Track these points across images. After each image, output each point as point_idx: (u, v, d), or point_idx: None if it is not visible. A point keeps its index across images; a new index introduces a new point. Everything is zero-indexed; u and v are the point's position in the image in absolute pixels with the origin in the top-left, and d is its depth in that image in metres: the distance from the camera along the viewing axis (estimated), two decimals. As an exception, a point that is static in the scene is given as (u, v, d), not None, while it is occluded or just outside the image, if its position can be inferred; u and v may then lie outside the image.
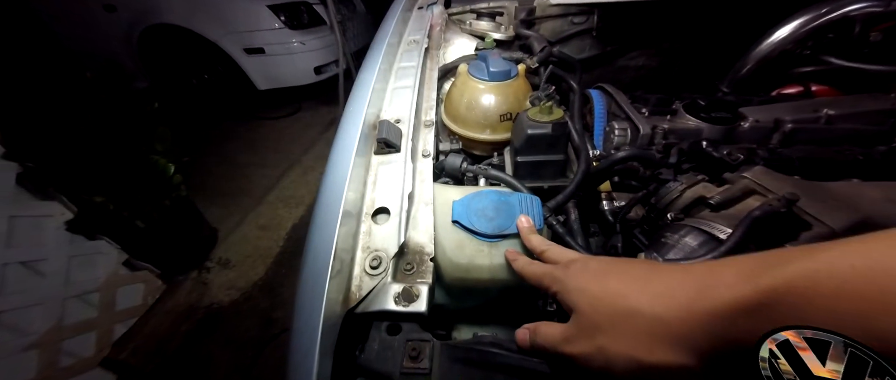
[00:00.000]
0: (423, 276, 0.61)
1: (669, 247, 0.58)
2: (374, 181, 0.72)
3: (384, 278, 0.58)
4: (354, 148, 0.68)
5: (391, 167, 0.74)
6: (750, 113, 0.96)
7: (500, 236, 0.68)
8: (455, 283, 0.70)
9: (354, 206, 0.65)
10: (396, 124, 0.79)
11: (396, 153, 0.75)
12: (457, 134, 1.03)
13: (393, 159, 0.75)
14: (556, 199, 0.75)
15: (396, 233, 0.63)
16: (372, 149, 0.76)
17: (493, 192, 0.75)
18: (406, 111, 0.85)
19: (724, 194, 0.61)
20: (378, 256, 0.60)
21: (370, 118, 0.78)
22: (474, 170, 0.82)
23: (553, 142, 0.82)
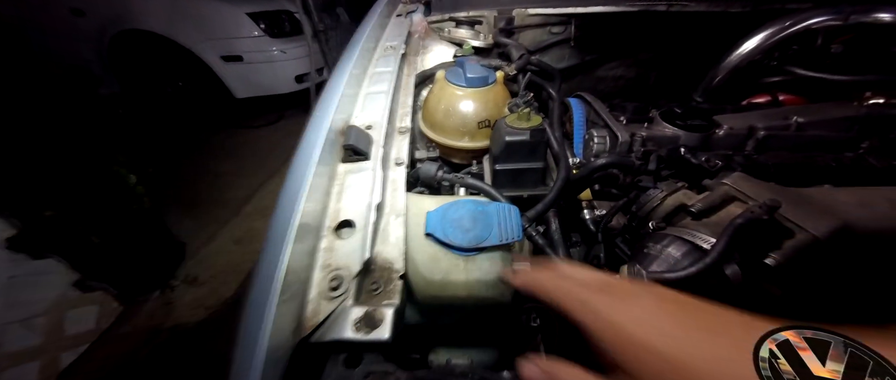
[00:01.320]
0: (391, 296, 0.55)
1: (652, 258, 0.55)
2: (339, 192, 0.66)
3: (345, 301, 0.52)
4: (316, 155, 0.63)
5: (359, 176, 0.68)
6: (724, 120, 0.97)
7: (476, 249, 0.64)
8: (429, 300, 0.64)
9: (314, 219, 0.59)
10: (366, 131, 0.75)
11: (365, 161, 0.70)
12: (435, 142, 0.99)
13: (362, 168, 0.70)
14: (535, 208, 0.72)
15: (361, 248, 0.57)
16: (338, 157, 0.71)
17: (469, 201, 0.70)
18: (378, 117, 0.81)
19: (705, 202, 0.59)
20: (339, 275, 0.54)
21: (337, 124, 0.73)
22: (451, 178, 0.78)
23: (532, 149, 0.79)
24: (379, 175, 0.67)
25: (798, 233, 0.51)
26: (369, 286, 0.56)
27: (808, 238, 0.50)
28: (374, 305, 0.52)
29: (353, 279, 0.54)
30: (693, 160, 0.68)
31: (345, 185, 0.67)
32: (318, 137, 0.67)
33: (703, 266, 0.47)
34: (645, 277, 0.50)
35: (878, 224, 0.56)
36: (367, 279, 0.57)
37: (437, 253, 0.64)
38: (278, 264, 0.48)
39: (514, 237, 0.64)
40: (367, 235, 0.59)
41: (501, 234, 0.64)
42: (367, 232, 0.59)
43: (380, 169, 0.68)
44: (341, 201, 0.65)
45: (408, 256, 0.65)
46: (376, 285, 0.56)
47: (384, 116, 0.81)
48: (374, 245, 0.60)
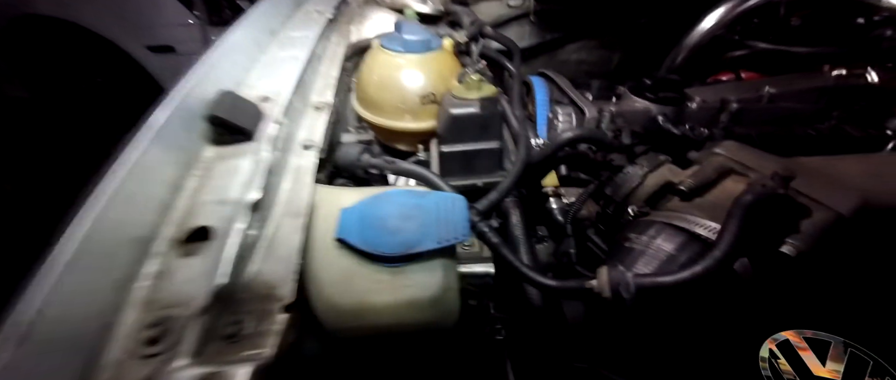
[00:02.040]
0: (259, 343, 0.35)
1: (638, 253, 0.41)
2: (198, 186, 0.45)
3: (171, 361, 0.32)
4: (151, 132, 0.42)
5: (235, 163, 0.48)
6: (695, 93, 0.88)
7: (407, 258, 0.46)
8: (341, 333, 0.45)
9: (134, 230, 0.38)
10: (255, 102, 0.54)
11: (247, 143, 0.50)
12: (370, 124, 0.80)
13: (240, 152, 0.49)
14: (488, 197, 0.55)
15: (213, 271, 0.37)
16: (204, 136, 0.49)
17: (400, 193, 0.52)
18: (281, 88, 0.60)
19: (697, 177, 0.46)
20: (164, 318, 0.34)
21: (207, 92, 0.51)
22: (378, 163, 0.59)
23: (484, 125, 0.63)
24: (263, 161, 0.47)
25: (817, 211, 0.39)
26: (226, 329, 0.36)
27: (829, 217, 0.38)
28: (224, 362, 0.32)
29: (192, 322, 0.34)
30: (675, 131, 0.56)
31: (211, 175, 0.47)
32: (166, 109, 0.45)
33: (713, 263, 0.33)
34: (630, 283, 0.35)
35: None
36: (222, 319, 0.37)
37: (351, 268, 0.45)
38: (29, 309, 0.27)
39: (457, 237, 0.47)
40: (228, 249, 0.39)
41: (441, 233, 0.47)
42: (231, 244, 0.39)
43: (267, 152, 0.48)
44: (199, 198, 0.44)
45: (311, 273, 0.46)
46: (238, 326, 0.36)
47: (291, 88, 0.61)
48: (241, 265, 0.40)
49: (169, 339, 0.33)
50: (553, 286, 0.42)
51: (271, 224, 0.46)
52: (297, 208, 0.49)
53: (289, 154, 0.55)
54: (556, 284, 0.42)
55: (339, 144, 0.61)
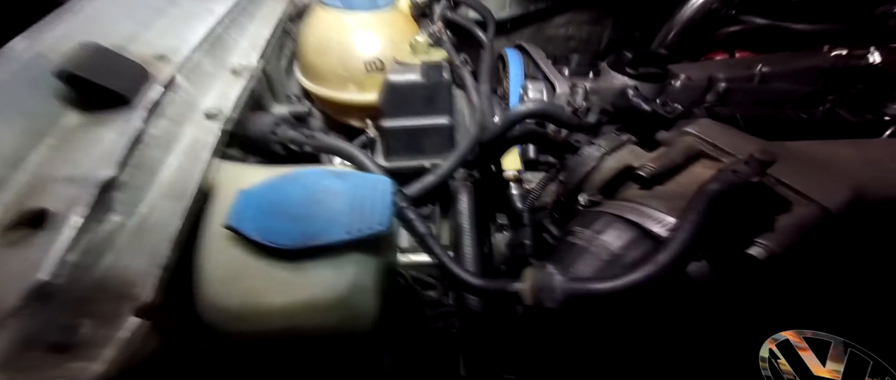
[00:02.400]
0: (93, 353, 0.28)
1: (579, 251, 0.34)
2: (46, 159, 0.36)
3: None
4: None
5: (100, 133, 0.39)
6: (681, 70, 0.79)
7: (311, 251, 0.38)
8: (230, 336, 0.38)
9: None
10: (138, 62, 0.44)
11: (121, 109, 0.40)
12: (314, 95, 0.70)
13: (112, 119, 0.40)
14: (421, 181, 0.47)
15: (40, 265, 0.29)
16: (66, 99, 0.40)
17: (313, 173, 0.44)
18: (180, 44, 0.50)
19: (661, 161, 0.38)
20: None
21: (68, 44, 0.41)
22: (295, 137, 0.50)
23: (429, 96, 0.54)
24: (130, 132, 0.38)
25: (799, 205, 0.32)
26: (53, 335, 0.29)
27: (813, 212, 0.31)
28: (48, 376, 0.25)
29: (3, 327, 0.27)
30: (645, 106, 0.47)
31: (69, 146, 0.38)
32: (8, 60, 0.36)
33: (656, 270, 0.25)
34: (557, 289, 0.28)
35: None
36: (50, 323, 0.29)
37: (241, 261, 0.38)
38: None
39: (373, 227, 0.39)
40: (60, 240, 0.30)
41: (354, 223, 0.39)
42: (63, 234, 0.31)
43: (139, 121, 0.39)
44: (46, 174, 0.35)
45: (197, 266, 0.38)
46: (69, 332, 0.29)
47: (194, 45, 0.51)
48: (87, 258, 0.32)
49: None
50: (477, 286, 0.36)
51: (143, 208, 0.38)
52: (181, 190, 0.40)
53: (184, 125, 0.46)
54: (481, 284, 0.35)
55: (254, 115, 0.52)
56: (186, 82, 0.48)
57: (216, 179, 0.45)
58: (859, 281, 0.36)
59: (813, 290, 0.35)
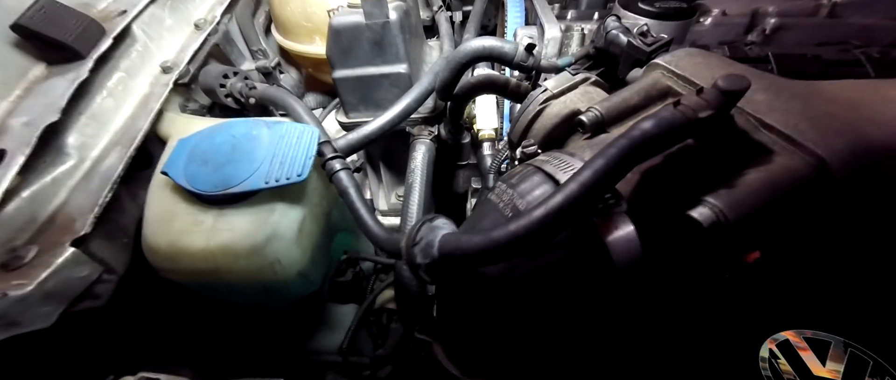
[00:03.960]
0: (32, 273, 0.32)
1: (489, 209, 0.29)
2: (9, 109, 0.40)
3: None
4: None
5: (55, 83, 0.42)
6: (716, 3, 0.62)
7: (228, 198, 0.38)
8: (169, 277, 0.41)
9: None
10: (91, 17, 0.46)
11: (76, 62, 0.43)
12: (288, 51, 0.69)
13: (66, 71, 0.43)
14: (357, 132, 0.45)
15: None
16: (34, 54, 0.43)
17: (243, 123, 0.43)
18: None
19: (611, 102, 0.30)
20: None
21: None
22: (239, 88, 0.50)
23: (377, 41, 0.49)
24: (78, 78, 0.40)
25: (782, 154, 0.23)
26: (8, 256, 0.33)
27: (802, 165, 0.22)
28: None
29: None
30: (622, 38, 0.38)
31: (32, 94, 0.41)
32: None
33: (521, 228, 0.20)
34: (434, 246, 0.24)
35: None
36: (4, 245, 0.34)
37: (173, 205, 0.40)
38: None
39: (290, 177, 0.38)
40: (10, 171, 0.34)
41: (274, 172, 0.38)
42: (12, 167, 0.34)
43: (86, 70, 0.41)
44: (9, 120, 0.39)
45: (145, 209, 0.41)
46: (14, 254, 0.33)
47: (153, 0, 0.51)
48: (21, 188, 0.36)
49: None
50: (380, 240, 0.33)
51: (94, 152, 0.41)
52: (131, 137, 0.43)
53: (138, 78, 0.48)
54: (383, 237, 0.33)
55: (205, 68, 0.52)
56: (144, 36, 0.50)
57: (171, 130, 0.48)
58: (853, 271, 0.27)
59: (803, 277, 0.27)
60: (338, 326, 0.59)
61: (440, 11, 0.64)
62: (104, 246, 0.38)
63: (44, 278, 0.32)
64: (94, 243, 0.37)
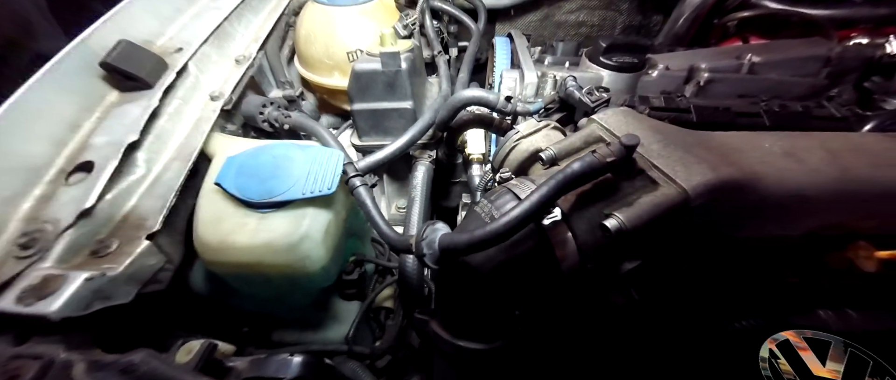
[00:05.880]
0: (118, 259, 0.41)
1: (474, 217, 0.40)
2: (94, 126, 0.50)
3: (40, 262, 0.39)
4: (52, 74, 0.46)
5: (129, 108, 0.52)
6: (662, 60, 0.78)
7: (271, 205, 0.49)
8: (214, 268, 0.51)
9: (27, 159, 0.44)
10: (158, 54, 0.57)
11: (146, 90, 0.53)
12: (308, 82, 0.81)
13: (137, 98, 0.53)
14: (373, 155, 0.56)
15: (87, 197, 0.42)
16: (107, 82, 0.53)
17: (281, 145, 0.54)
18: (193, 38, 0.62)
19: (562, 145, 0.43)
20: (37, 230, 0.40)
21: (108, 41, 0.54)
22: (277, 116, 0.61)
23: (389, 82, 0.61)
24: (150, 106, 0.51)
25: (663, 185, 0.36)
26: (94, 246, 0.42)
27: (671, 194, 0.35)
28: (76, 268, 0.39)
29: (61, 235, 0.40)
30: (576, 95, 0.51)
31: (108, 117, 0.51)
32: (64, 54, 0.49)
33: (496, 229, 0.32)
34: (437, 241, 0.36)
35: (806, 180, 0.41)
36: (93, 237, 0.43)
37: (223, 209, 0.50)
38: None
39: (322, 190, 0.49)
40: (101, 179, 0.44)
41: (308, 186, 0.49)
42: (103, 176, 0.44)
43: (156, 100, 0.52)
44: (94, 138, 0.49)
45: (195, 212, 0.51)
46: (104, 244, 0.42)
47: (200, 38, 0.63)
48: (120, 197, 0.45)
49: (39, 246, 0.39)
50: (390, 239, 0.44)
51: (158, 165, 0.51)
52: (187, 154, 0.53)
53: (191, 104, 0.58)
54: (393, 237, 0.44)
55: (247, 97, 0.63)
56: (196, 69, 0.61)
57: (215, 147, 0.58)
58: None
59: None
60: (344, 320, 0.68)
61: (439, 55, 0.77)
62: (167, 241, 0.48)
63: (128, 264, 0.41)
64: (161, 239, 0.46)
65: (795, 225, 0.43)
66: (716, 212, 0.37)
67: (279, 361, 0.42)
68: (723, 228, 0.40)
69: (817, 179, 0.41)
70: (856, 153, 0.44)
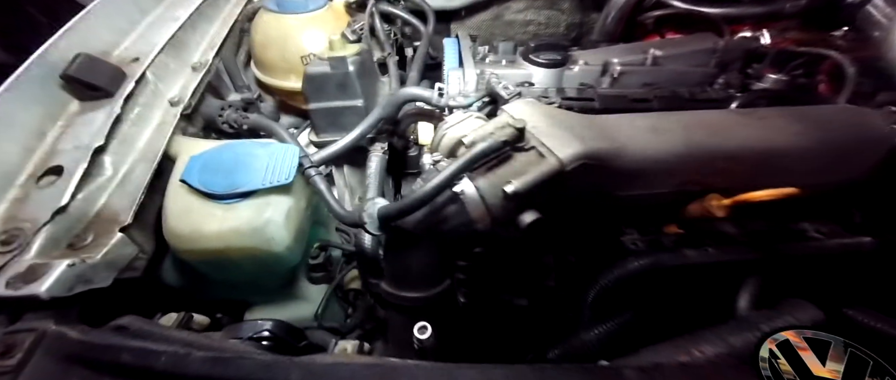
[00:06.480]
0: (95, 249, 0.47)
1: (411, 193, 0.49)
2: (60, 134, 0.54)
3: (20, 255, 0.44)
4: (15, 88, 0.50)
5: (93, 116, 0.56)
6: (581, 57, 0.91)
7: (235, 196, 0.55)
8: (186, 256, 0.57)
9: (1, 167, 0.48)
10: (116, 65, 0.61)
11: (107, 99, 0.58)
12: (266, 84, 0.86)
13: (99, 106, 0.57)
14: (326, 149, 0.64)
15: (60, 197, 0.47)
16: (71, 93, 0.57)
17: (242, 143, 0.61)
18: (150, 49, 0.67)
19: (479, 131, 0.53)
20: (16, 229, 0.45)
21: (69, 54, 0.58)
22: (235, 118, 0.67)
23: (340, 83, 0.69)
24: (112, 113, 0.55)
25: (547, 157, 0.46)
26: (74, 240, 0.48)
27: (553, 163, 0.45)
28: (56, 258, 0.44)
29: (38, 232, 0.45)
30: (496, 90, 0.61)
31: (73, 125, 0.55)
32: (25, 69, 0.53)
33: (420, 196, 0.41)
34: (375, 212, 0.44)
35: (662, 148, 0.53)
36: (69, 232, 0.48)
37: (191, 204, 0.56)
38: None
39: (280, 180, 0.56)
40: (72, 182, 0.49)
41: (268, 177, 0.56)
42: (74, 179, 0.49)
43: (118, 107, 0.56)
44: (60, 144, 0.53)
45: (164, 207, 0.57)
46: (80, 238, 0.48)
47: (157, 47, 0.67)
48: (91, 196, 0.51)
49: (19, 242, 0.44)
50: (342, 215, 0.53)
51: (125, 167, 0.56)
52: (151, 155, 0.58)
53: (154, 109, 0.63)
54: (344, 214, 0.52)
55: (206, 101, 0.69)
56: (154, 77, 0.65)
57: (178, 149, 0.63)
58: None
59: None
60: (314, 302, 0.76)
61: (389, 57, 0.85)
62: (138, 233, 0.53)
63: (104, 253, 0.47)
64: (133, 231, 0.52)
65: (662, 183, 0.56)
66: (591, 175, 0.48)
67: (252, 325, 0.49)
68: (605, 188, 0.52)
69: (670, 147, 0.53)
70: (701, 126, 0.57)
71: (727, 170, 0.57)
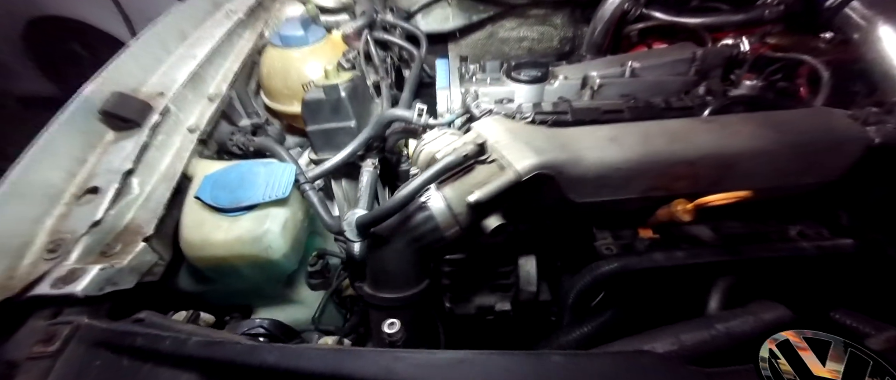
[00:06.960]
0: (121, 258, 0.55)
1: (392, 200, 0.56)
2: (97, 160, 0.64)
3: (64, 261, 0.52)
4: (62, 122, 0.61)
5: (125, 143, 0.66)
6: (561, 72, 0.96)
7: (239, 209, 0.63)
8: (198, 263, 0.65)
9: (48, 188, 0.58)
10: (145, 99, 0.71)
11: (136, 129, 0.68)
12: (273, 110, 0.96)
13: (130, 135, 0.67)
14: (320, 167, 0.71)
15: (95, 213, 0.56)
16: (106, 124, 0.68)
17: (250, 163, 0.69)
18: (172, 83, 0.77)
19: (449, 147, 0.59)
20: (61, 238, 0.54)
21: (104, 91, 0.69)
22: (243, 141, 0.76)
23: (334, 107, 0.77)
24: (140, 141, 0.65)
25: (507, 169, 0.51)
26: (106, 248, 0.56)
27: (510, 174, 0.50)
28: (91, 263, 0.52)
29: (78, 241, 0.54)
30: (471, 108, 0.68)
31: (108, 152, 0.66)
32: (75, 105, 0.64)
33: (396, 202, 0.47)
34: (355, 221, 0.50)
35: (621, 157, 0.56)
36: (101, 242, 0.57)
37: (203, 216, 0.64)
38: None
39: (277, 194, 0.64)
40: (107, 199, 0.58)
41: (267, 192, 0.64)
42: (107, 197, 0.58)
43: (145, 137, 0.66)
44: (97, 168, 0.63)
45: (181, 219, 0.65)
46: (110, 247, 0.56)
47: (182, 83, 0.78)
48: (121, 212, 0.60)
49: (62, 250, 0.53)
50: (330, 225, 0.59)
51: (149, 186, 0.65)
52: (171, 176, 0.67)
53: (174, 136, 0.73)
54: (332, 223, 0.59)
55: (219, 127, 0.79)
56: (176, 109, 0.75)
57: (195, 169, 0.72)
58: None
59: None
60: (312, 306, 0.82)
61: (382, 80, 0.94)
62: (158, 243, 0.62)
63: (130, 259, 0.55)
64: (154, 241, 0.60)
65: (626, 190, 0.59)
66: (549, 184, 0.52)
67: (249, 322, 0.56)
68: (566, 194, 0.56)
69: (629, 155, 0.57)
70: (661, 134, 0.60)
71: (689, 175, 0.60)
